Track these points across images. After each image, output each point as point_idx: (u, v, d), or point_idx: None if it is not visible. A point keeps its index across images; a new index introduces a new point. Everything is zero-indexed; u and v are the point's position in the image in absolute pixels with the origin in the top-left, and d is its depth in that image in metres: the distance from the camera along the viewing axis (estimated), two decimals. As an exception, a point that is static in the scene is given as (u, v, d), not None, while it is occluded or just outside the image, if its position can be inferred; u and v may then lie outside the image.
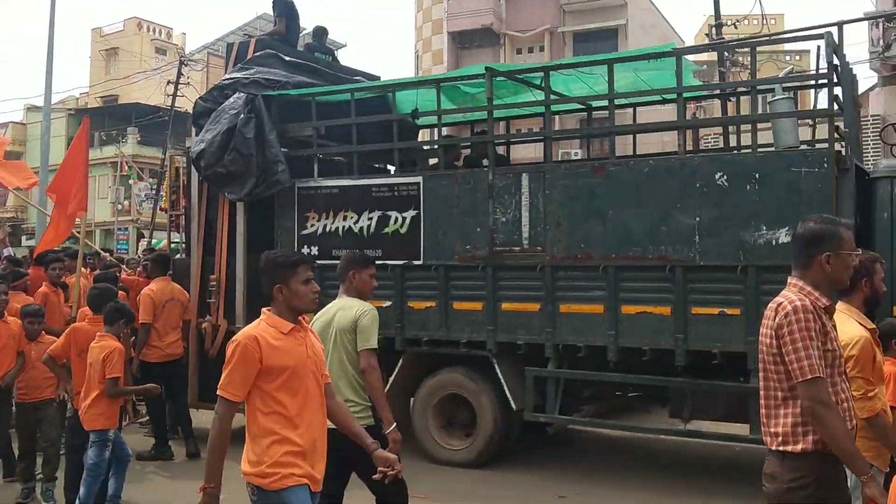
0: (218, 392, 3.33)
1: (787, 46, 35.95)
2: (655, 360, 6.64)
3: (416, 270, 7.60)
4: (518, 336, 7.11)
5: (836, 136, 6.29)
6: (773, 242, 6.11)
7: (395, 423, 4.52)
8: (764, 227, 6.15)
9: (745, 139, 7.48)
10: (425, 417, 7.57)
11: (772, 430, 3.09)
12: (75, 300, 7.67)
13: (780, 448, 3.03)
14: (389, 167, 9.37)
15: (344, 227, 8.01)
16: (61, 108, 34.29)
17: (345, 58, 10.93)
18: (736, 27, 18.68)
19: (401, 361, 7.65)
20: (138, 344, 7.73)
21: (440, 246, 7.47)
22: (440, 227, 7.48)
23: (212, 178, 8.32)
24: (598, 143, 11.42)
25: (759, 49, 9.16)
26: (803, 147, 6.81)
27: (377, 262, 7.65)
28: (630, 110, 9.09)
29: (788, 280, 3.20)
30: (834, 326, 3.13)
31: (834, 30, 6.42)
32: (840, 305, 3.62)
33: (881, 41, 18.95)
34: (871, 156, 16.46)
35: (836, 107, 6.32)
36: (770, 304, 3.16)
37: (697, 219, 6.40)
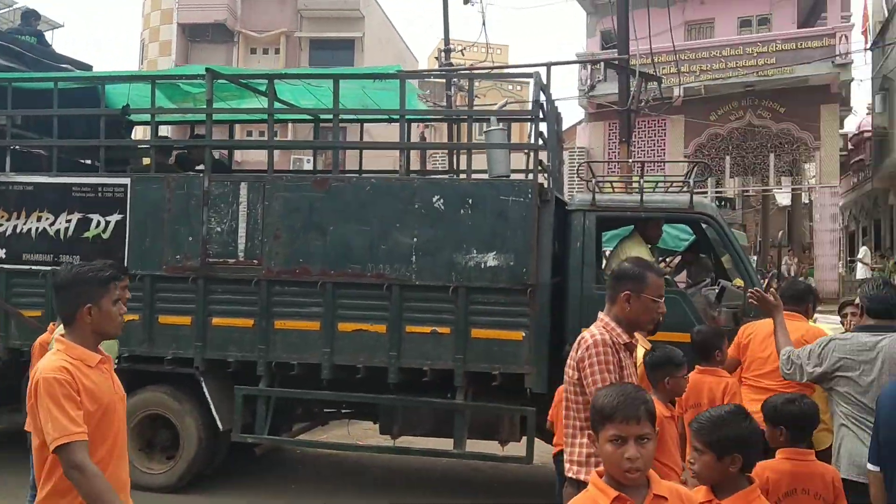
0: (56, 444, 2.63)
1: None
2: (370, 377, 6.67)
3: (121, 280, 6.99)
4: (229, 353, 6.79)
5: (540, 168, 6.75)
6: (483, 265, 6.41)
7: None
8: (475, 251, 6.42)
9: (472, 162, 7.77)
10: (123, 439, 6.97)
11: (568, 457, 3.20)
12: None
13: (575, 476, 3.12)
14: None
15: (38, 228, 7.20)
16: None
17: (63, 39, 9.90)
18: (463, 54, 19.70)
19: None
20: None
21: (147, 254, 6.95)
22: (148, 234, 6.96)
23: None
24: (328, 155, 11.36)
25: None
26: (513, 177, 7.23)
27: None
28: (359, 124, 9.15)
29: (599, 314, 3.37)
30: (634, 363, 3.30)
31: (543, 70, 6.89)
32: None
33: (588, 81, 20.97)
34: (577, 185, 18.13)
35: (540, 141, 6.79)
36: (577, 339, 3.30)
37: (415, 239, 6.53)
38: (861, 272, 20.25)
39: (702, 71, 20.79)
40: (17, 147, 7.53)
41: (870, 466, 3.25)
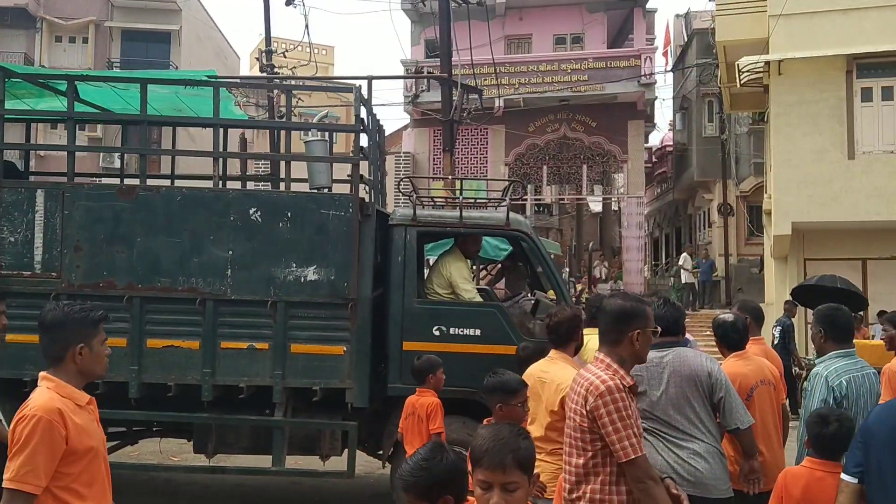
0: (8, 484, 2.61)
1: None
2: (183, 394, 6.38)
3: None
4: (26, 372, 6.26)
5: (361, 181, 6.72)
6: (302, 279, 6.30)
7: None
8: (294, 264, 6.30)
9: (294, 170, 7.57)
10: None
11: (572, 498, 3.14)
12: None
13: None
14: None
15: None
16: None
17: None
18: (285, 56, 19.31)
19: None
20: None
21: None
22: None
23: None
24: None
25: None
26: (335, 188, 7.17)
27: None
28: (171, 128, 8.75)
29: (596, 356, 3.23)
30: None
31: (365, 83, 6.87)
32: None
33: (413, 90, 21.23)
34: (402, 191, 18.28)
35: (361, 154, 6.77)
36: (577, 380, 3.19)
37: (231, 252, 6.32)
38: (685, 277, 21.75)
39: (521, 84, 21.62)
40: None
41: (846, 477, 3.29)
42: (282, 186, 8.31)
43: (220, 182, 6.86)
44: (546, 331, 4.60)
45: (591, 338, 4.73)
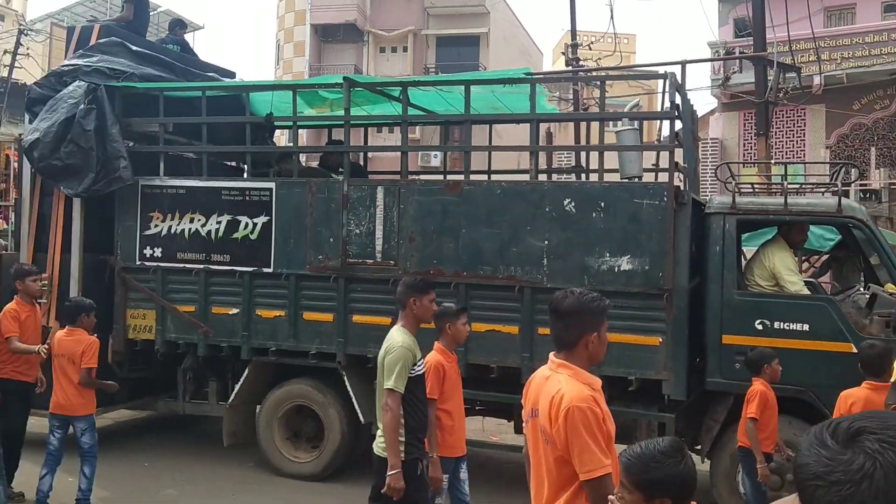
0: (598, 473, 2.69)
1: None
2: (504, 376, 6.76)
3: (266, 278, 7.40)
4: (369, 349, 7.04)
5: (675, 169, 6.62)
6: (616, 269, 6.36)
7: (397, 469, 4.33)
8: (608, 254, 6.39)
9: (596, 162, 7.70)
10: (271, 428, 7.38)
11: None
12: None
13: None
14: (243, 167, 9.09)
15: (190, 229, 7.69)
16: None
17: (202, 41, 10.53)
18: (591, 48, 19.41)
19: (247, 371, 7.44)
20: None
21: (291, 254, 7.31)
22: (292, 235, 7.32)
23: (46, 171, 7.76)
24: (454, 155, 11.54)
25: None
26: (646, 179, 7.13)
27: (225, 266, 7.49)
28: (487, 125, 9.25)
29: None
30: None
31: (677, 68, 6.75)
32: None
33: (722, 72, 20.24)
34: (710, 179, 17.58)
35: (676, 141, 6.66)
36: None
37: (546, 242, 6.57)
38: None
39: (843, 59, 19.65)
40: (167, 152, 8.03)
41: None
42: (588, 178, 8.51)
43: (535, 175, 7.12)
44: None
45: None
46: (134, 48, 8.21)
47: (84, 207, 7.85)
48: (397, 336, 4.56)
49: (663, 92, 7.18)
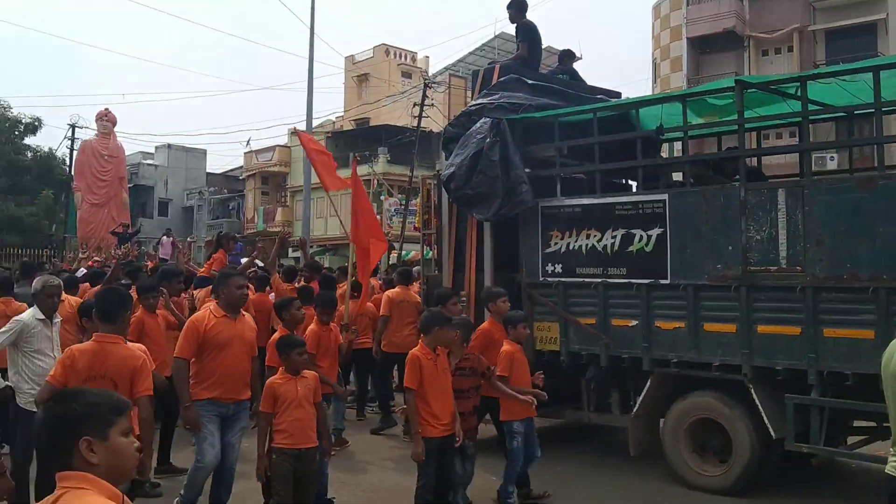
0: None
1: None
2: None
3: (663, 290, 7.46)
4: (776, 361, 6.74)
5: None
6: None
7: None
8: None
9: None
10: (676, 440, 7.38)
11: None
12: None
13: None
14: (629, 182, 9.30)
15: (587, 245, 8.05)
16: (320, 131, 37.43)
17: (579, 69, 11.03)
18: None
19: (648, 382, 7.55)
20: (377, 333, 9.68)
21: (688, 265, 7.28)
22: (688, 246, 7.30)
23: (460, 200, 8.72)
24: (857, 152, 10.51)
25: None
26: None
27: (622, 279, 7.70)
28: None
29: None
30: None
31: None
32: None
33: None
34: None
35: None
36: None
37: None
38: None
39: None
40: (562, 174, 8.52)
41: None
42: None
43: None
44: None
45: None
46: (530, 82, 8.91)
47: (493, 230, 8.67)
48: None
49: None
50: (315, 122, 29.75)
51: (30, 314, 6.39)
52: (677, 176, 9.11)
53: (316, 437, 5.65)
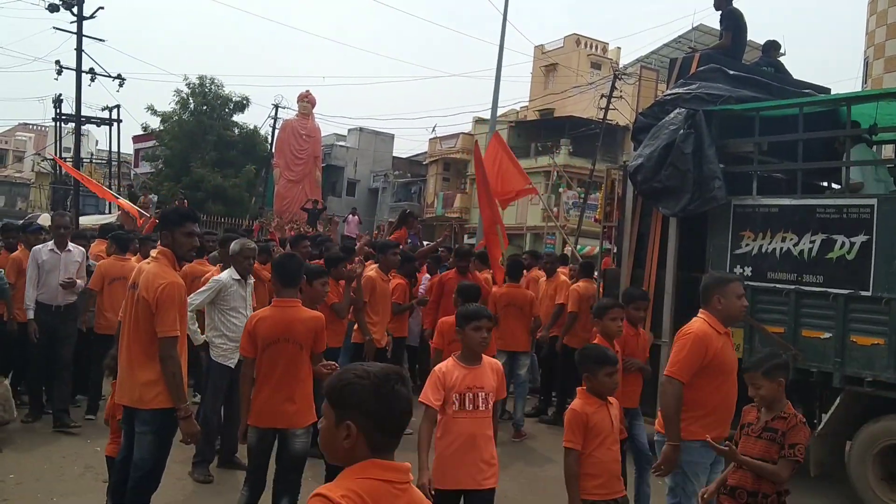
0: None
1: None
2: None
3: (863, 302, 6.90)
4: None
5: None
6: None
7: None
8: None
9: None
10: (864, 465, 6.84)
11: None
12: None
13: None
14: (826, 184, 8.68)
15: (781, 248, 7.59)
16: (503, 121, 37.64)
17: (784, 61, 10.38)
18: None
19: (838, 400, 7.03)
20: (563, 328, 9.55)
21: (894, 277, 6.70)
22: (895, 256, 6.71)
23: (647, 193, 8.48)
24: None
25: None
26: None
27: (818, 288, 7.20)
28: None
29: None
30: None
31: None
32: None
33: None
34: None
35: None
36: None
37: None
38: None
39: None
40: (759, 172, 8.06)
41: None
42: None
43: None
44: None
45: None
46: (731, 72, 8.49)
47: (679, 227, 8.37)
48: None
49: None
50: (499, 112, 29.92)
51: (227, 275, 6.80)
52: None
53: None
